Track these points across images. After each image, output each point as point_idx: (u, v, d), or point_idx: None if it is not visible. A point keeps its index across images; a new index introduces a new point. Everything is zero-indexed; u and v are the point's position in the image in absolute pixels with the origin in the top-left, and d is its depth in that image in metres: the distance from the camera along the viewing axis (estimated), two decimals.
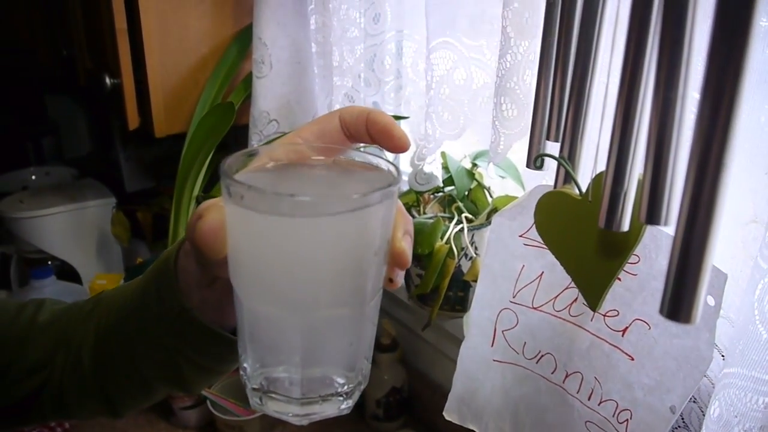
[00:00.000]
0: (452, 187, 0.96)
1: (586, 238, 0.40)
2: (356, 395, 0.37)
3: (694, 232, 0.29)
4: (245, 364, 0.37)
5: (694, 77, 0.31)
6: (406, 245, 0.36)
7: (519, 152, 0.77)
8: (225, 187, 0.33)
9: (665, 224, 0.33)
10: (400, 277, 0.38)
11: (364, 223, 0.33)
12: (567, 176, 0.43)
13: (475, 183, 0.96)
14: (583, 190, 0.41)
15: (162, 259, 0.49)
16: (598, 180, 0.39)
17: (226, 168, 0.34)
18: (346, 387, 0.37)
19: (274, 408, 0.36)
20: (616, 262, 0.38)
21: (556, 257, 0.43)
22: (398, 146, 0.40)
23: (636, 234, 0.37)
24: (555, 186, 0.43)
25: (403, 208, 0.38)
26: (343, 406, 0.37)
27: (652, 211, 0.33)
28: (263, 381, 0.36)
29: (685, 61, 0.31)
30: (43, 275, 1.28)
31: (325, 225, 0.32)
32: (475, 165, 0.97)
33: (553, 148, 0.46)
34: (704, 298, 0.30)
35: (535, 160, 0.43)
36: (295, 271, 0.33)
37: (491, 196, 0.96)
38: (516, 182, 0.92)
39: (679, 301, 0.30)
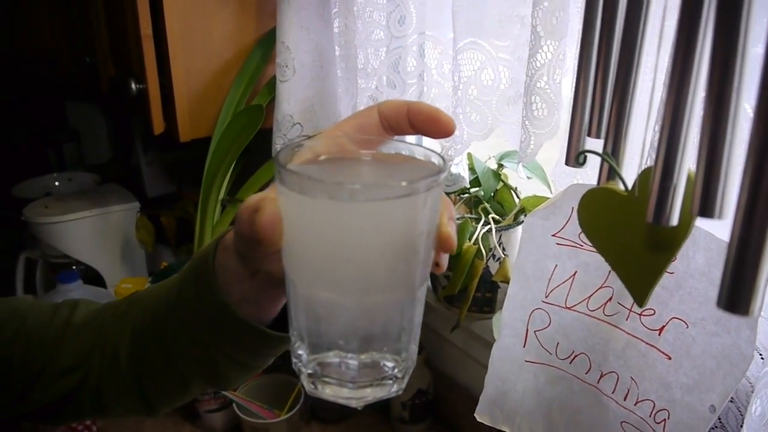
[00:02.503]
0: (478, 188, 0.95)
1: (632, 234, 0.40)
2: (406, 378, 0.39)
3: (753, 220, 0.29)
4: (299, 351, 0.38)
5: (749, 68, 0.31)
6: (451, 230, 0.38)
7: (545, 153, 0.77)
8: (281, 178, 0.35)
9: (719, 217, 0.32)
10: (444, 261, 0.39)
11: (417, 209, 0.34)
12: (610, 172, 0.43)
13: (501, 184, 0.96)
14: (629, 186, 0.41)
15: (199, 258, 0.49)
16: (645, 175, 0.39)
17: (283, 161, 0.36)
18: (396, 370, 0.38)
19: (329, 392, 0.37)
20: (665, 256, 0.38)
21: (601, 254, 0.43)
22: (446, 130, 0.40)
23: (685, 228, 0.37)
24: (598, 183, 0.43)
25: (445, 195, 0.39)
26: (393, 389, 0.38)
27: (705, 204, 0.32)
28: (317, 367, 0.37)
29: (740, 52, 0.30)
30: (69, 279, 1.29)
31: (382, 210, 0.34)
32: (501, 166, 0.96)
33: (590, 145, 0.46)
34: (764, 289, 0.30)
35: (577, 157, 0.43)
36: (353, 255, 0.34)
37: (518, 197, 0.96)
38: (542, 183, 0.91)
39: (737, 292, 0.30)
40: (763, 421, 0.54)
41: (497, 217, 0.93)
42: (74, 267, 1.44)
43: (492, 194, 0.95)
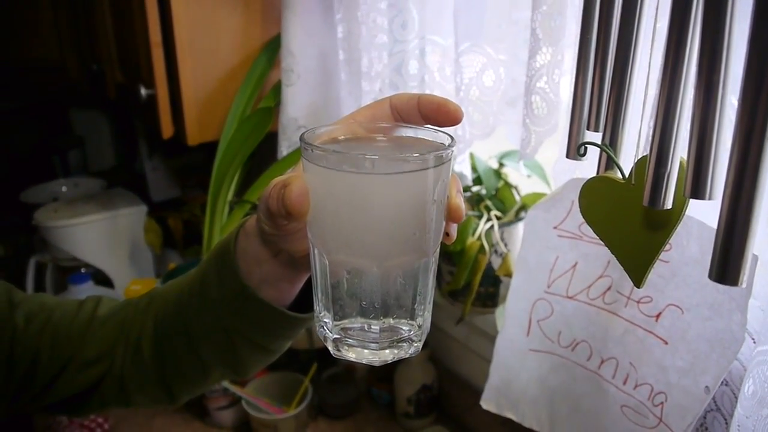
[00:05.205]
0: (480, 186, 0.99)
1: (629, 219, 0.43)
2: (422, 342, 0.43)
3: (740, 199, 0.32)
4: (325, 320, 0.42)
5: (735, 59, 0.34)
6: (460, 201, 0.42)
7: (544, 153, 0.80)
8: (308, 155, 0.39)
9: (709, 198, 0.36)
10: (454, 231, 0.43)
11: (429, 178, 0.38)
12: (608, 162, 0.46)
13: (502, 182, 0.99)
14: (626, 174, 0.44)
15: (221, 245, 0.52)
16: (641, 164, 0.42)
17: (311, 139, 0.40)
18: (413, 333, 0.42)
19: (353, 355, 0.41)
20: (660, 238, 0.41)
21: (600, 239, 0.46)
22: (455, 118, 0.44)
23: (678, 211, 0.40)
24: (597, 172, 0.46)
25: (453, 172, 0.42)
26: (411, 350, 0.42)
27: (696, 188, 0.36)
28: (341, 332, 0.41)
29: (726, 50, 0.34)
30: (80, 281, 1.32)
31: (399, 179, 0.38)
32: (502, 165, 1.00)
33: (589, 138, 0.49)
34: (752, 262, 0.33)
35: (578, 149, 0.46)
36: (374, 221, 0.38)
37: (519, 195, 0.99)
38: (542, 180, 0.95)
39: (726, 264, 0.33)
40: (756, 399, 0.57)
41: (499, 214, 0.96)
42: (83, 270, 1.46)
43: (493, 192, 0.98)
